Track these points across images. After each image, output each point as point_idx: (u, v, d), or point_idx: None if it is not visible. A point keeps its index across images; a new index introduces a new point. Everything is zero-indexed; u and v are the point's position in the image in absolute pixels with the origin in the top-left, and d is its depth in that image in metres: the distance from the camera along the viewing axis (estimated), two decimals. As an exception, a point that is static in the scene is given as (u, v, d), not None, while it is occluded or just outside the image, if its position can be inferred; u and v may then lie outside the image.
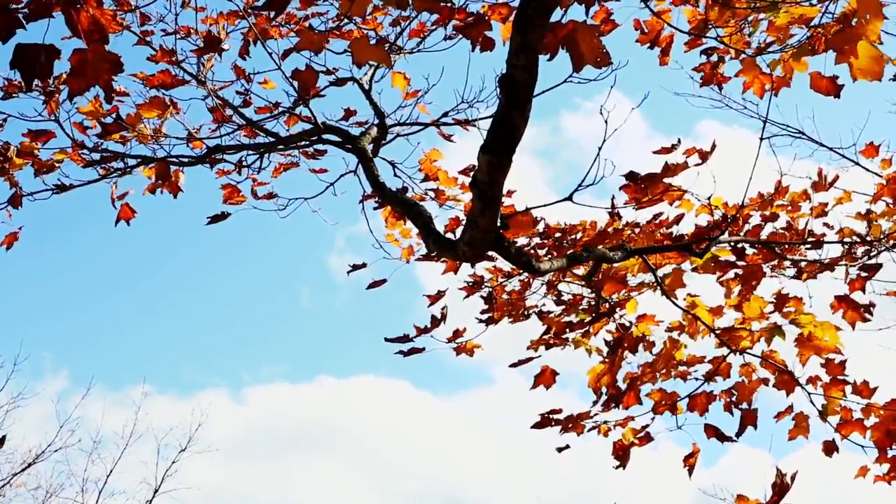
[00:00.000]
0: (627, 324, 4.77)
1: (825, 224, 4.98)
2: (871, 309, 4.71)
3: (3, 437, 6.68)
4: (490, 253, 3.95)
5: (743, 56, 3.96)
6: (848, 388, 4.28)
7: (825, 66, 3.49)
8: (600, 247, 4.12)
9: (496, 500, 22.61)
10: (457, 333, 4.85)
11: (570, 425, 4.51)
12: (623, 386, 4.62)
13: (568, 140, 29.68)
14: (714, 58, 4.11)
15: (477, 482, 23.15)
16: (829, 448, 4.38)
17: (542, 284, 4.99)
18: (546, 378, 4.80)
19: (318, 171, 5.33)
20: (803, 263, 4.81)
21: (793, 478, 3.42)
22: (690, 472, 4.34)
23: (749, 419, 4.46)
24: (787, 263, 4.81)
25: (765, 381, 4.49)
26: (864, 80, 2.95)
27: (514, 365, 4.80)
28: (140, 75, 4.50)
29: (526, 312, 4.98)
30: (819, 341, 4.29)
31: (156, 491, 16.10)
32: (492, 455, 24.97)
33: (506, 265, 4.90)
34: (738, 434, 4.46)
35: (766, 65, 4.00)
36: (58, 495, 15.77)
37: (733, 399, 4.51)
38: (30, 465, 15.34)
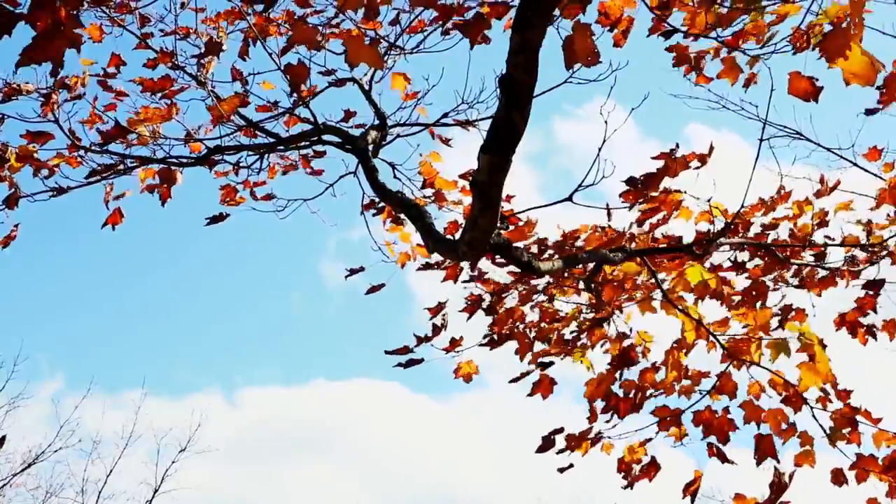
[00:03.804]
0: (627, 331, 4.73)
1: (826, 236, 4.94)
2: (875, 329, 4.66)
3: (4, 437, 6.67)
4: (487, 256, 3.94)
5: (723, 55, 3.97)
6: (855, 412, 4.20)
7: (805, 67, 3.46)
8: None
9: (496, 502, 22.62)
10: (454, 343, 4.77)
11: (573, 444, 4.44)
12: (620, 394, 4.57)
13: (559, 146, 29.74)
14: (683, 40, 4.04)
15: (475, 485, 23.18)
16: (839, 478, 4.25)
17: (541, 293, 4.96)
18: (544, 387, 4.75)
19: (315, 172, 5.31)
20: (806, 270, 4.78)
21: (790, 477, 3.40)
22: (692, 500, 4.16)
23: (767, 449, 4.26)
24: (789, 274, 4.78)
25: (781, 415, 4.37)
26: (858, 85, 2.91)
27: (514, 381, 4.76)
28: (138, 80, 4.49)
29: (528, 334, 4.92)
30: (820, 369, 4.23)
31: (156, 491, 16.17)
32: (489, 458, 25.02)
33: (503, 279, 4.90)
34: (758, 463, 4.25)
35: (746, 63, 4.00)
36: (57, 495, 15.84)
37: (732, 417, 4.41)
38: (30, 465, 15.41)
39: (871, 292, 4.67)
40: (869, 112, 4.04)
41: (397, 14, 4.64)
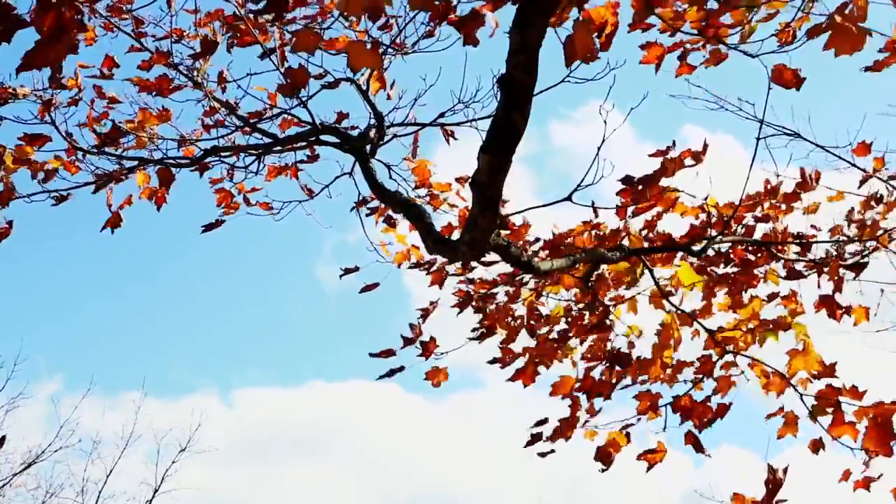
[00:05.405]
0: (616, 326, 4.75)
1: (812, 226, 5.00)
2: (849, 311, 4.74)
3: (3, 437, 6.65)
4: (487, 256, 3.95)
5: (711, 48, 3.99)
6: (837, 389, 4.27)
7: (790, 61, 3.48)
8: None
9: (494, 501, 22.67)
10: (427, 347, 4.71)
11: (557, 434, 4.48)
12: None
13: (556, 149, 29.80)
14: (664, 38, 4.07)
15: (472, 484, 23.21)
16: (816, 446, 4.32)
17: (531, 292, 4.97)
18: (527, 375, 4.76)
19: (307, 190, 5.29)
20: (795, 263, 4.84)
21: (784, 472, 3.43)
22: (649, 468, 4.28)
23: (719, 411, 4.36)
24: (778, 267, 4.83)
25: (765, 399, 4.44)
26: (845, 55, 2.91)
27: (493, 361, 4.77)
28: (136, 80, 4.48)
29: (515, 326, 4.93)
30: (808, 357, 4.29)
31: (156, 491, 16.17)
32: (486, 457, 25.06)
33: (492, 276, 4.92)
34: (709, 423, 4.37)
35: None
36: (57, 495, 15.83)
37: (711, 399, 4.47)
38: (29, 465, 15.40)
39: (849, 273, 4.74)
40: (868, 69, 4.03)
41: (386, 20, 4.60)
